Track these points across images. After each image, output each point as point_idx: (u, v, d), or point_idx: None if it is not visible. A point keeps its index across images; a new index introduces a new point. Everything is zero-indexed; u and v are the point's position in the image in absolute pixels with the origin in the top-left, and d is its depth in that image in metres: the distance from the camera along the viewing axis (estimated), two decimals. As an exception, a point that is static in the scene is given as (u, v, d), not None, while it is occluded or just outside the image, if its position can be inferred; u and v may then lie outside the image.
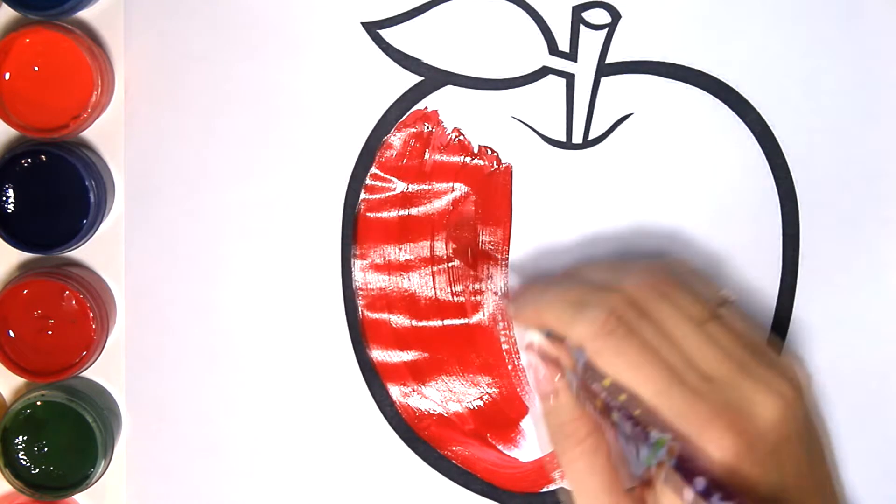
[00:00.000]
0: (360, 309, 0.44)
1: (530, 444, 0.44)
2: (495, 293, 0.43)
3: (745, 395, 0.31)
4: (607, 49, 0.42)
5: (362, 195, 0.43)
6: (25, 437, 0.42)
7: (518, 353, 0.43)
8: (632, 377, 0.31)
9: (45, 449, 0.43)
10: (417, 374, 0.44)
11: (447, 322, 0.44)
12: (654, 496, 0.31)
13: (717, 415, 0.30)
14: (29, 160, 0.41)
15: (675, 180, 0.43)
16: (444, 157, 0.43)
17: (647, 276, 0.35)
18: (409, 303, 0.44)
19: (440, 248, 0.43)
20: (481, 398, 0.44)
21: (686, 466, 0.29)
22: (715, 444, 0.30)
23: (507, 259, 0.43)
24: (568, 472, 0.33)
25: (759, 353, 0.34)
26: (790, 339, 0.43)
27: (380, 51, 0.43)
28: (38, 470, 0.43)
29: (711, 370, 0.32)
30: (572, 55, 0.42)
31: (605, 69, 0.42)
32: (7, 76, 0.41)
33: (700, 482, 0.29)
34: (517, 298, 0.37)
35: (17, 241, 0.42)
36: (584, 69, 0.42)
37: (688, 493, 0.29)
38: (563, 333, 0.34)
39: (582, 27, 0.42)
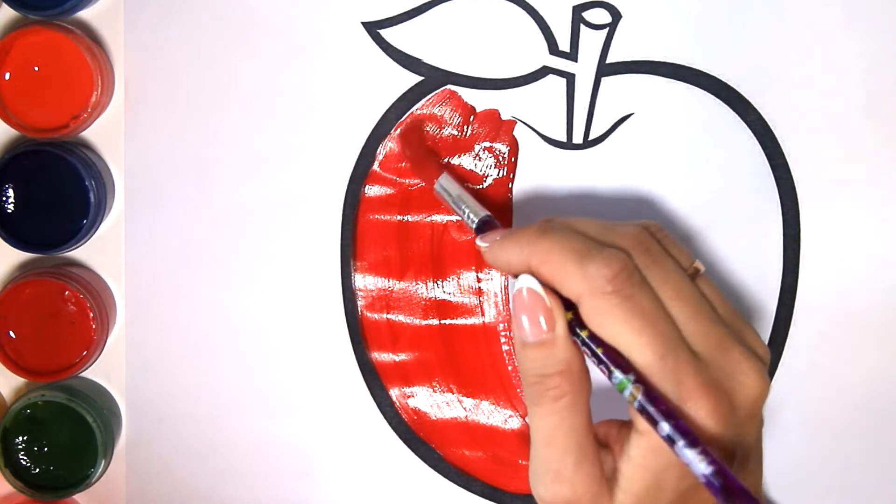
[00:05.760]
0: (359, 309, 0.44)
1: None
2: (495, 295, 0.43)
3: (733, 366, 0.31)
4: (608, 49, 0.42)
5: (362, 195, 0.43)
6: (25, 437, 0.42)
7: (518, 354, 0.43)
8: (630, 341, 0.30)
9: (45, 449, 0.43)
10: (417, 374, 0.44)
11: (447, 322, 0.44)
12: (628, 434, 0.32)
13: (706, 391, 0.30)
14: (29, 160, 0.41)
15: (675, 180, 0.42)
16: (444, 157, 0.43)
17: (643, 232, 0.33)
18: (408, 303, 0.44)
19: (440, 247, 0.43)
20: (481, 399, 0.44)
21: (651, 405, 0.29)
22: (700, 413, 0.30)
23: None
24: (537, 424, 0.32)
25: (738, 319, 0.34)
26: (791, 339, 0.43)
27: (380, 50, 0.43)
28: (38, 470, 0.43)
29: (702, 335, 0.31)
30: (573, 55, 0.42)
31: (605, 69, 0.42)
32: (7, 76, 0.41)
33: (664, 428, 0.29)
34: (498, 242, 0.35)
35: (17, 241, 0.42)
36: (584, 69, 0.42)
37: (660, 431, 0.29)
38: (557, 284, 0.32)
39: (582, 27, 0.42)
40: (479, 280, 0.43)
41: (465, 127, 0.43)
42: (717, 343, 0.31)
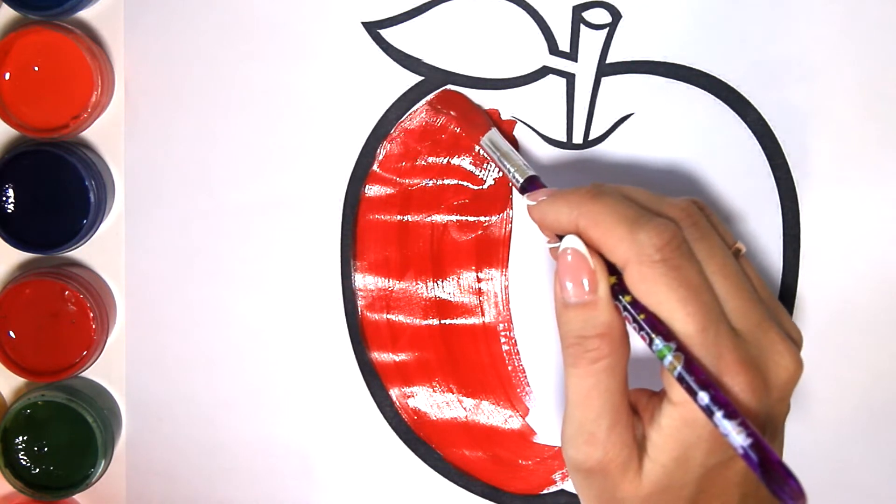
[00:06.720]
0: (359, 310, 0.44)
1: (531, 446, 0.44)
2: (495, 295, 0.43)
3: (770, 346, 0.31)
4: (608, 49, 0.42)
5: (362, 195, 0.43)
6: (25, 437, 0.43)
7: (518, 354, 0.43)
8: (673, 311, 0.30)
9: (45, 449, 0.43)
10: (417, 375, 0.44)
11: (446, 322, 0.44)
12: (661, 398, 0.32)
13: (743, 367, 0.30)
14: (29, 160, 0.41)
15: (675, 180, 0.42)
16: (444, 157, 0.43)
17: (692, 206, 0.34)
18: (408, 303, 0.44)
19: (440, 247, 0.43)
20: (481, 399, 0.44)
21: (691, 375, 0.30)
22: (735, 388, 0.30)
23: (508, 259, 0.43)
24: (573, 386, 0.32)
25: (775, 301, 0.34)
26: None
27: (380, 50, 0.43)
28: (38, 470, 0.43)
29: (742, 312, 0.31)
30: (573, 55, 0.42)
31: (605, 69, 0.42)
32: (7, 76, 0.41)
33: (703, 398, 0.29)
34: (548, 200, 0.34)
35: (17, 241, 0.42)
36: (584, 69, 0.42)
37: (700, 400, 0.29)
38: (605, 248, 0.32)
39: (582, 27, 0.42)
40: (479, 280, 0.43)
41: (465, 127, 0.43)
42: (756, 322, 0.31)
